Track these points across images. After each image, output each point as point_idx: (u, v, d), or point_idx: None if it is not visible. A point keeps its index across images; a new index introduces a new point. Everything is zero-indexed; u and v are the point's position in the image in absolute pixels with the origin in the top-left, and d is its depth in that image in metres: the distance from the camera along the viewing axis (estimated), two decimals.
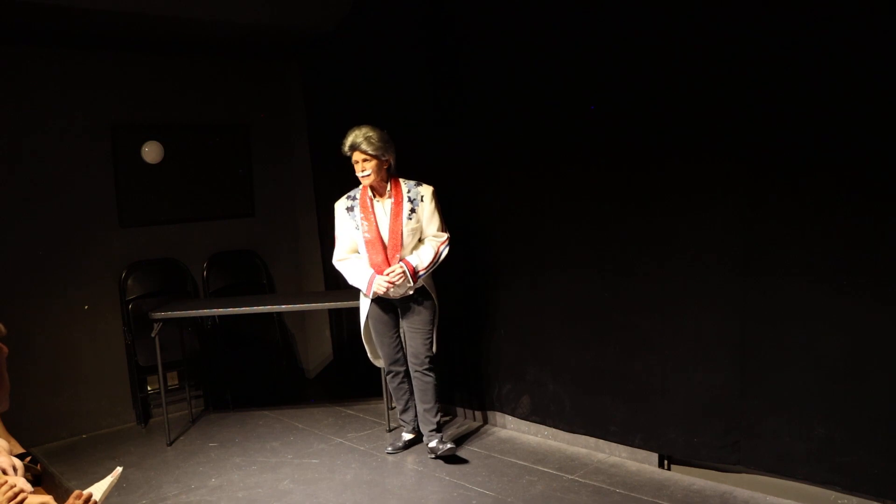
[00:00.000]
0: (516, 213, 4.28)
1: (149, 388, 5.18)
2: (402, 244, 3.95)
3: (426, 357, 4.09)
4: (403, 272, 3.88)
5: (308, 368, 6.15)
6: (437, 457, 4.07)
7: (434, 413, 4.14)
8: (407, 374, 4.23)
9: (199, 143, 5.49)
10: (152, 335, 4.54)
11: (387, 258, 3.95)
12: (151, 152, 5.20)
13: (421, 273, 3.92)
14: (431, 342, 4.12)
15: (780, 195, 3.20)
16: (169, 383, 5.18)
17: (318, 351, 6.09)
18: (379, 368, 4.67)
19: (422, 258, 3.94)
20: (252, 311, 4.80)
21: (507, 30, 4.17)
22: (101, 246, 5.06)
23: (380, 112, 5.01)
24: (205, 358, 5.42)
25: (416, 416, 4.29)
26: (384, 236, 3.96)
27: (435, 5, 4.51)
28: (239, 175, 5.72)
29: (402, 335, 4.20)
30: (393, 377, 4.27)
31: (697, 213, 3.49)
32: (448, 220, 4.10)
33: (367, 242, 3.97)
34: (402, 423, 4.40)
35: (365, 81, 5.10)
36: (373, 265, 3.97)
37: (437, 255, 3.97)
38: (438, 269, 4.03)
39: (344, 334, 5.75)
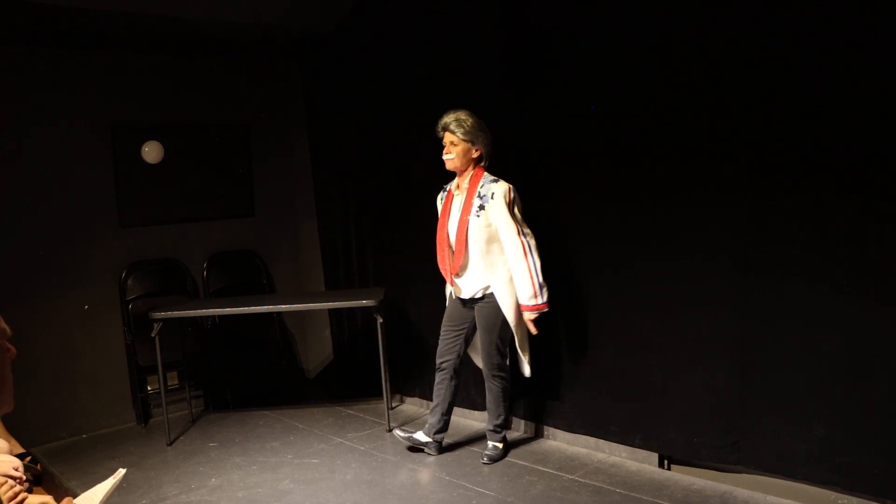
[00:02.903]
0: None
1: (149, 388, 5.19)
2: (466, 244, 3.80)
3: (492, 364, 3.95)
4: (533, 318, 3.76)
5: (308, 368, 6.15)
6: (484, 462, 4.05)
7: (495, 416, 4.06)
8: (451, 376, 4.07)
9: (199, 143, 5.49)
10: (152, 335, 4.54)
11: (449, 256, 3.88)
12: (151, 152, 5.20)
13: (542, 296, 3.72)
14: (497, 350, 3.93)
15: (780, 195, 3.20)
16: (169, 383, 5.18)
17: (318, 351, 6.09)
18: (378, 367, 4.67)
19: (521, 289, 3.73)
20: (252, 311, 4.80)
21: (510, 29, 4.17)
22: (101, 246, 5.06)
23: (380, 112, 5.03)
24: (205, 358, 5.42)
25: (437, 421, 4.13)
26: (451, 233, 3.87)
27: (435, 5, 4.52)
28: (239, 175, 5.72)
29: (464, 338, 4.04)
30: (438, 373, 4.11)
31: (697, 213, 3.49)
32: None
33: (437, 236, 3.93)
34: (427, 420, 4.26)
35: (365, 81, 5.10)
36: (438, 260, 3.93)
37: (531, 271, 3.70)
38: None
39: (344, 334, 5.75)
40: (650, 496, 3.51)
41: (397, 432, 4.27)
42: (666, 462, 3.86)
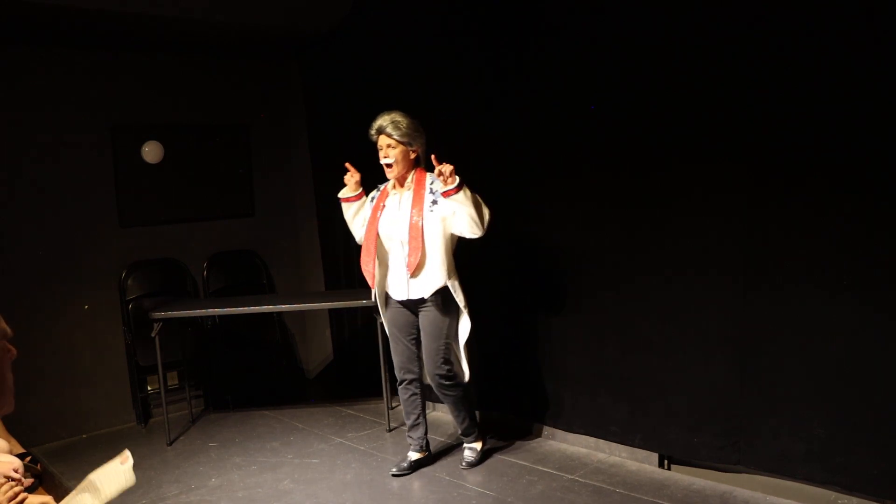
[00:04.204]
0: (515, 213, 4.27)
1: (149, 388, 5.19)
2: (423, 240, 3.60)
3: (435, 374, 3.78)
4: (446, 174, 3.40)
5: (308, 368, 6.15)
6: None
7: (460, 421, 3.96)
8: (418, 387, 3.94)
9: (199, 143, 5.49)
10: (152, 335, 4.54)
11: (374, 258, 3.69)
12: (151, 152, 5.20)
13: (460, 192, 3.44)
14: (444, 356, 3.75)
15: (782, 197, 3.19)
16: (169, 383, 5.18)
17: (318, 351, 6.09)
18: (378, 367, 4.67)
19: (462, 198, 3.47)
20: (252, 311, 4.80)
21: (511, 28, 4.17)
22: (101, 246, 5.06)
23: (380, 112, 5.01)
24: (205, 358, 5.42)
25: (424, 433, 4.02)
26: (382, 232, 3.69)
27: (434, 5, 4.51)
28: (239, 175, 5.72)
29: (417, 344, 3.87)
30: (404, 388, 3.93)
31: (698, 214, 3.49)
32: None
33: (365, 236, 3.74)
34: (408, 440, 4.06)
35: (365, 81, 5.10)
36: (362, 263, 3.74)
37: (475, 200, 3.48)
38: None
39: (344, 334, 5.75)
40: (650, 496, 3.51)
41: (394, 471, 3.97)
42: (666, 462, 3.86)
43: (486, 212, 3.62)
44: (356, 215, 3.90)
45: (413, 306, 3.80)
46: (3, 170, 4.64)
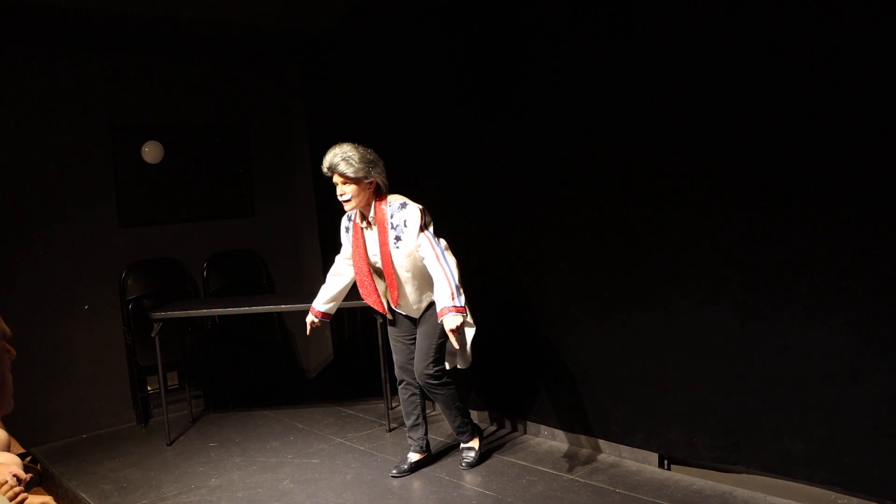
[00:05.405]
0: (516, 213, 4.28)
1: (149, 388, 5.19)
2: (396, 275, 3.66)
3: (423, 374, 3.78)
4: (456, 328, 3.38)
5: (308, 368, 6.16)
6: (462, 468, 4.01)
7: (453, 418, 3.96)
8: (418, 387, 3.93)
9: (199, 143, 5.49)
10: (152, 335, 4.54)
11: (375, 288, 3.76)
12: (151, 152, 5.20)
13: (459, 299, 3.42)
14: (434, 356, 3.77)
15: (782, 194, 3.19)
16: (169, 383, 5.18)
17: (318, 351, 6.09)
18: (378, 367, 4.67)
19: (440, 292, 3.46)
20: (252, 311, 4.80)
21: (511, 30, 4.17)
22: (101, 246, 5.06)
23: (379, 112, 5.03)
24: (205, 358, 5.42)
25: (424, 434, 4.03)
26: (375, 263, 3.74)
27: (434, 5, 4.51)
28: (239, 175, 5.72)
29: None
30: (403, 388, 3.97)
31: (698, 213, 3.49)
32: (449, 221, 4.07)
33: (356, 270, 3.77)
34: (408, 440, 4.08)
35: (365, 81, 5.10)
36: (363, 294, 3.80)
37: (446, 274, 3.46)
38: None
39: (344, 334, 5.75)
40: (650, 496, 3.51)
41: (394, 472, 3.97)
42: (666, 462, 3.86)
43: (449, 269, 3.52)
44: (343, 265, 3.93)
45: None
46: (3, 170, 4.64)
